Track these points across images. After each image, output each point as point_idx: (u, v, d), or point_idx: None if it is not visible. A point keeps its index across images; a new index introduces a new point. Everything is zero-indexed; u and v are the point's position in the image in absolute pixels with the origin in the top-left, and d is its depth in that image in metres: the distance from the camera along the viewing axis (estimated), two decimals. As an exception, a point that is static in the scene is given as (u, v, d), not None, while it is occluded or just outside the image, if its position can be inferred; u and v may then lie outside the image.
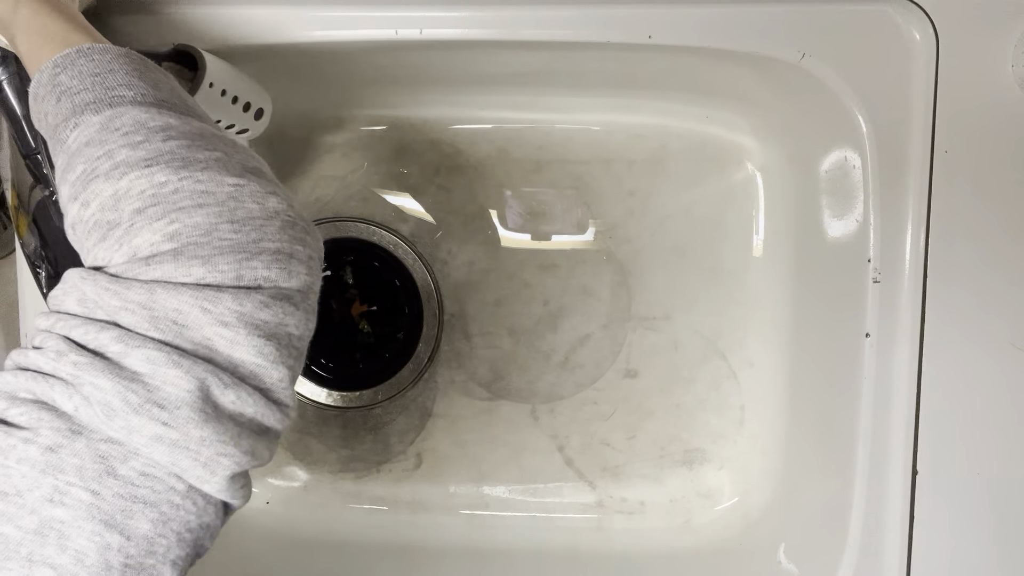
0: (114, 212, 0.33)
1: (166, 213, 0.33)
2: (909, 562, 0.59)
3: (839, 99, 0.59)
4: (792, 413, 0.74)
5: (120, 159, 0.34)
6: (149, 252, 0.33)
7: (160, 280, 0.32)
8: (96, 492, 0.31)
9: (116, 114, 0.35)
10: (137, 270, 0.32)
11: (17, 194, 0.48)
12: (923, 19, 0.57)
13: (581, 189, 0.77)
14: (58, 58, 0.38)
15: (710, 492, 0.78)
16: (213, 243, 0.32)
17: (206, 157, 0.35)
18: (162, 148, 0.34)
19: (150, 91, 0.37)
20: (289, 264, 0.34)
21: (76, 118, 0.36)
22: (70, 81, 0.37)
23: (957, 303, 0.58)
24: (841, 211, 0.64)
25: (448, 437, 0.79)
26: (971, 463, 0.59)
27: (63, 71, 0.38)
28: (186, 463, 0.32)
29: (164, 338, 0.32)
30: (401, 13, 0.58)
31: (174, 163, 0.34)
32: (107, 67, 0.38)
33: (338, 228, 0.77)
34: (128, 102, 0.36)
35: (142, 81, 0.38)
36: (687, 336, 0.78)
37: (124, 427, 0.31)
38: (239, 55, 0.60)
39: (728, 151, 0.75)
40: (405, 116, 0.77)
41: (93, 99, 0.36)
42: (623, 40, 0.59)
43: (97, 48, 0.39)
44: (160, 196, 0.33)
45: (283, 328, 0.34)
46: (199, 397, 0.32)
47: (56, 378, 0.32)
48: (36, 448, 0.31)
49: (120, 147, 0.34)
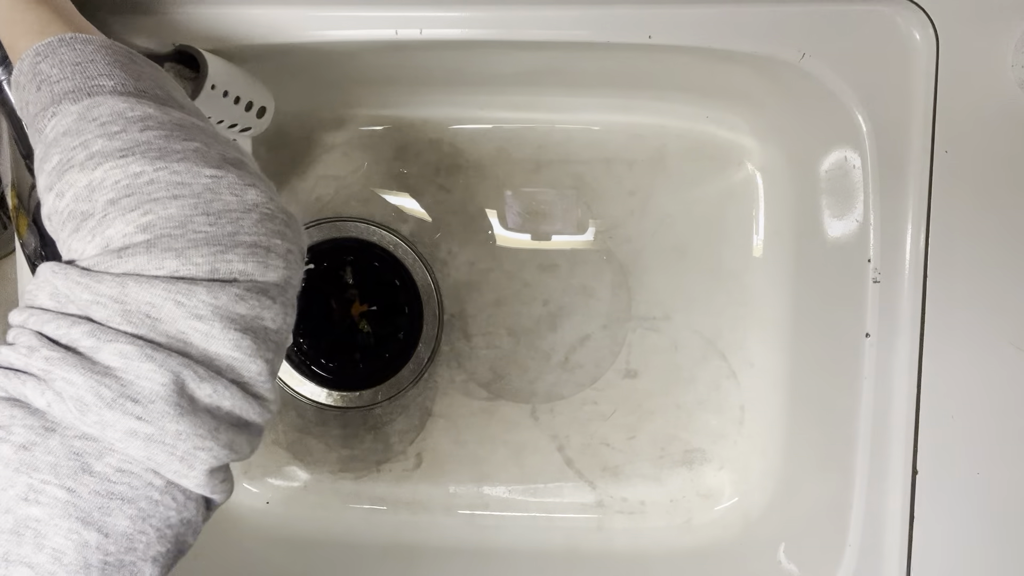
0: (88, 203, 0.33)
1: (140, 204, 0.32)
2: (909, 562, 0.59)
3: (839, 99, 0.59)
4: (792, 413, 0.74)
5: (96, 149, 0.33)
6: (122, 244, 0.32)
7: (133, 273, 0.32)
8: (72, 489, 0.30)
9: (94, 103, 0.35)
10: (109, 263, 0.32)
11: (17, 194, 0.48)
12: (923, 19, 0.57)
13: (581, 189, 0.77)
14: (40, 46, 0.37)
15: (710, 492, 0.78)
16: (187, 235, 0.32)
17: (184, 148, 0.34)
18: (139, 138, 0.34)
19: (131, 81, 0.37)
20: (267, 258, 0.34)
21: (54, 107, 0.35)
22: (50, 70, 0.37)
23: (957, 303, 0.58)
24: (841, 211, 0.64)
25: (448, 437, 0.79)
26: (971, 463, 0.59)
27: (44, 59, 0.37)
28: (162, 458, 0.31)
29: (137, 332, 0.31)
30: (401, 13, 0.58)
31: (150, 153, 0.33)
32: (88, 57, 0.37)
33: (338, 228, 0.77)
34: (107, 92, 0.35)
35: (123, 71, 0.37)
36: (687, 336, 0.78)
37: (98, 422, 0.30)
38: (240, 55, 0.60)
39: (728, 151, 0.75)
40: (405, 116, 0.77)
41: (72, 88, 0.36)
42: (623, 40, 0.59)
43: (80, 38, 0.38)
44: (134, 187, 0.32)
45: (259, 322, 0.33)
46: (174, 391, 0.31)
47: (28, 374, 0.31)
48: (9, 446, 0.30)
49: (96, 137, 0.33)
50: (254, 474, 0.79)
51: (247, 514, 0.77)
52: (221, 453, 0.33)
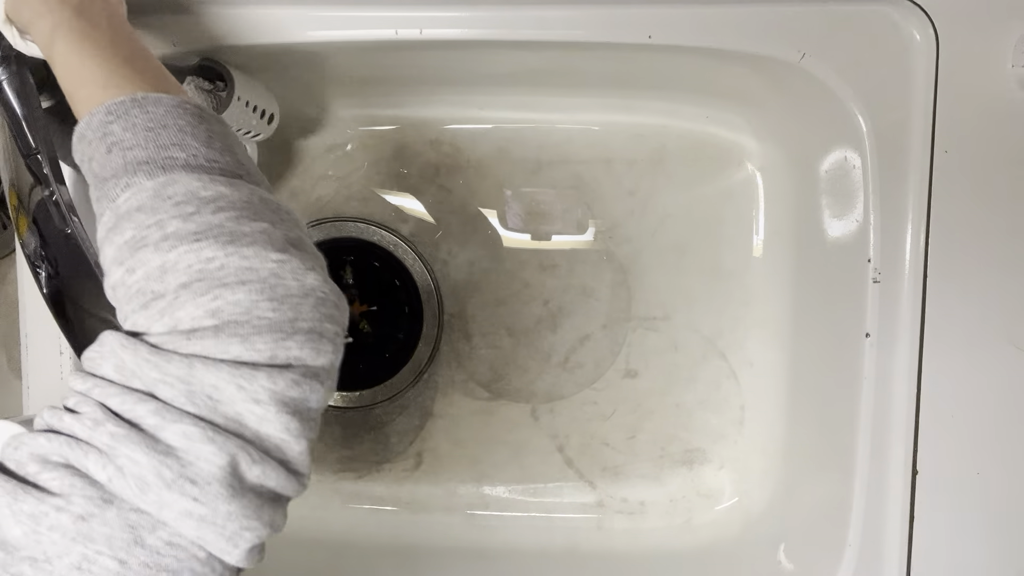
0: (159, 283, 0.34)
1: (210, 289, 0.33)
2: (909, 562, 0.59)
3: (839, 99, 0.59)
4: (792, 413, 0.74)
5: (171, 231, 0.34)
6: (190, 326, 0.33)
7: (199, 355, 0.33)
8: (123, 561, 0.31)
9: (169, 181, 0.35)
10: (177, 343, 0.33)
11: (17, 194, 0.48)
12: (923, 19, 0.57)
13: (581, 189, 0.77)
14: (112, 104, 0.38)
15: (710, 492, 0.78)
16: (252, 322, 0.33)
17: (252, 230, 0.35)
18: (211, 221, 0.35)
19: (201, 150, 0.38)
20: (319, 343, 0.35)
21: (128, 178, 0.36)
22: (122, 133, 0.37)
23: (957, 303, 0.58)
24: (841, 211, 0.64)
25: (448, 437, 0.79)
26: (971, 463, 0.59)
27: (115, 120, 0.38)
28: (211, 537, 0.32)
29: (199, 413, 0.32)
30: (401, 13, 0.58)
31: (222, 237, 0.34)
32: (160, 121, 0.38)
33: (338, 228, 0.77)
34: (180, 166, 0.36)
35: (194, 139, 0.38)
36: (687, 336, 0.77)
37: (156, 501, 0.32)
38: (240, 56, 0.60)
39: (728, 151, 0.75)
40: (405, 116, 0.77)
41: (146, 158, 0.36)
42: (623, 40, 0.59)
43: (151, 99, 0.38)
44: (206, 272, 0.34)
45: (306, 403, 0.35)
46: (229, 472, 0.32)
47: (91, 446, 0.32)
48: (68, 516, 0.31)
49: (171, 218, 0.34)
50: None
51: (247, 514, 0.77)
52: (263, 532, 0.34)
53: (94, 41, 0.41)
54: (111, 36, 0.42)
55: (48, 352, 0.61)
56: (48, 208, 0.46)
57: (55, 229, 0.46)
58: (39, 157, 0.46)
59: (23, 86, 0.46)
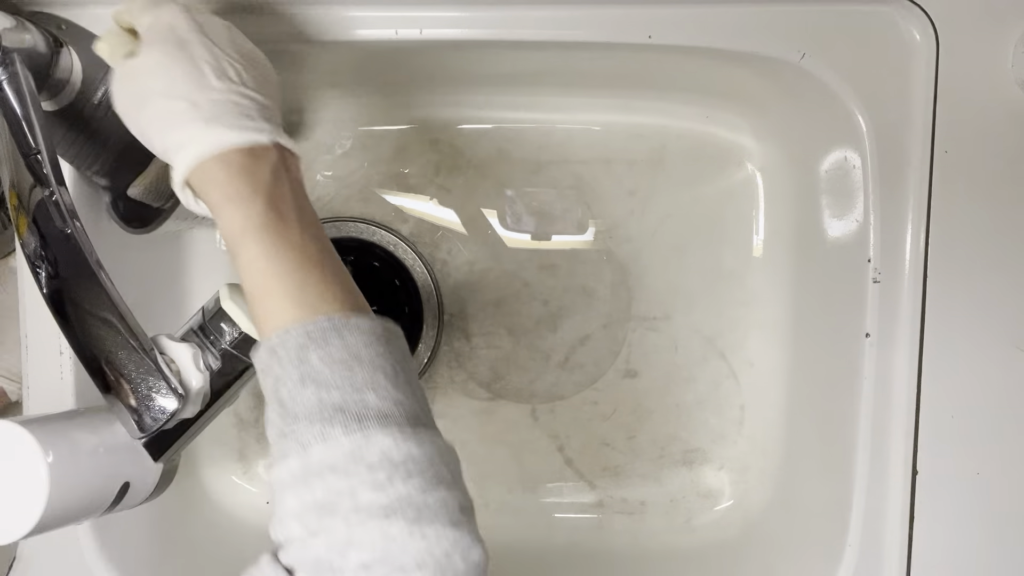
0: (341, 558, 0.34)
1: (389, 573, 0.34)
2: (909, 562, 0.59)
3: (839, 99, 0.59)
4: (792, 413, 0.74)
5: (363, 503, 0.35)
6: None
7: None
8: None
9: (365, 442, 0.36)
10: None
11: (17, 194, 0.48)
12: (923, 19, 0.57)
13: (581, 189, 0.77)
14: (311, 328, 0.37)
15: (710, 492, 0.78)
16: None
17: (435, 501, 0.36)
18: (401, 492, 0.35)
19: (391, 392, 0.38)
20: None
21: (323, 427, 0.36)
22: (319, 365, 0.37)
23: (957, 303, 0.58)
24: (841, 211, 0.64)
25: (448, 437, 0.79)
26: (971, 463, 0.59)
27: (314, 349, 0.37)
28: None
29: None
30: (401, 13, 0.58)
31: (409, 513, 0.35)
32: (354, 352, 0.37)
33: (338, 228, 0.77)
34: (374, 415, 0.36)
35: (384, 375, 0.38)
36: (687, 336, 0.78)
37: None
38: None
39: (728, 151, 0.75)
40: (405, 116, 0.77)
41: (342, 404, 0.36)
42: (623, 40, 0.59)
43: (350, 326, 0.38)
44: (388, 554, 0.34)
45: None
46: None
47: None
48: None
49: (364, 486, 0.35)
50: (254, 474, 0.79)
51: (247, 514, 0.77)
52: None
53: (287, 241, 0.39)
54: (300, 229, 0.40)
55: (48, 352, 0.61)
56: (48, 208, 0.46)
57: (55, 229, 0.46)
58: (39, 157, 0.46)
59: (23, 86, 0.46)
